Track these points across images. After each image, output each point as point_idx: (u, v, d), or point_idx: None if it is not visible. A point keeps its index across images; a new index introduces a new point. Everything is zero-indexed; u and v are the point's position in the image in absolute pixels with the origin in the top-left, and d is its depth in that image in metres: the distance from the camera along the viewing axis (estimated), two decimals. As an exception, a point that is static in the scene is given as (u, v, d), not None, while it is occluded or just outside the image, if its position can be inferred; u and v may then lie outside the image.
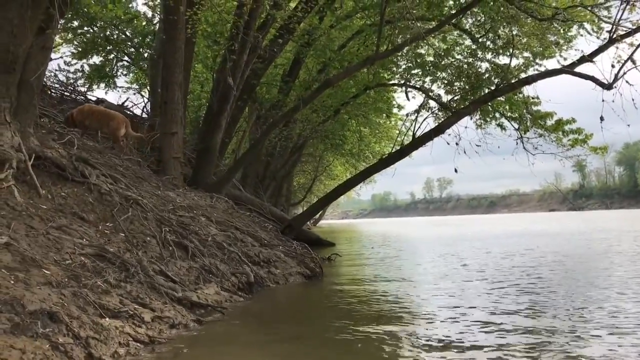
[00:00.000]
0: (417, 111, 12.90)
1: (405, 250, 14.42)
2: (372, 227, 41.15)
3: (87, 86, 17.04)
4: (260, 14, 11.63)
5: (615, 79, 9.75)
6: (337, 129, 20.59)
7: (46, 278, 3.75)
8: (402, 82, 14.27)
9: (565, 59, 11.71)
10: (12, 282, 3.45)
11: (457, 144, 12.59)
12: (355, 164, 27.61)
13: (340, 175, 34.72)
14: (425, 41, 12.12)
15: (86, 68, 17.05)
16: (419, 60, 13.82)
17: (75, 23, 15.65)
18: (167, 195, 7.65)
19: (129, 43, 16.99)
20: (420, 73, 13.95)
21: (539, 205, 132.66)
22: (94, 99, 14.36)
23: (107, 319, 3.64)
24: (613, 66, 9.32)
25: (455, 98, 12.93)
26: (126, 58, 17.60)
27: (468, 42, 13.20)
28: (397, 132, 22.87)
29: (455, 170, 12.50)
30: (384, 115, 20.07)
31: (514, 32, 11.30)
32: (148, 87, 16.01)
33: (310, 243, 10.32)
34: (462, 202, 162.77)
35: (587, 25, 11.06)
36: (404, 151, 12.20)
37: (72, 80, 16.27)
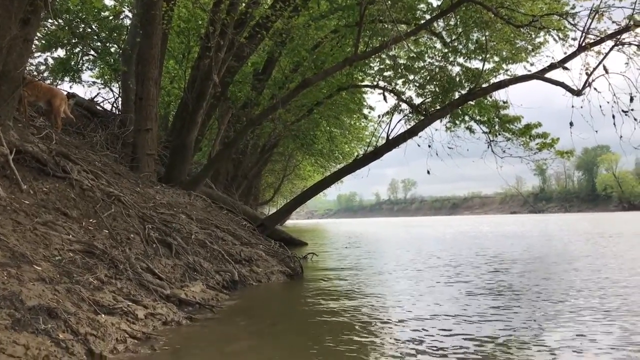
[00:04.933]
0: (391, 113, 13.07)
1: (378, 249, 14.60)
2: (340, 227, 41.34)
3: (52, 79, 16.56)
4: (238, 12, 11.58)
5: (585, 85, 10.10)
6: (308, 128, 20.61)
7: (38, 274, 3.69)
8: (376, 83, 14.41)
9: (532, 64, 12.07)
10: (6, 277, 3.38)
11: (429, 146, 12.87)
12: (324, 164, 27.73)
13: (309, 176, 34.71)
14: (399, 44, 12.27)
15: (50, 61, 16.58)
16: (391, 63, 13.95)
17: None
18: (147, 192, 7.56)
19: (95, 37, 16.62)
20: (392, 75, 14.09)
21: (500, 207, 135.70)
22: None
23: (102, 315, 3.61)
24: (587, 74, 9.59)
25: (427, 101, 13.16)
26: (92, 52, 17.21)
27: (439, 45, 13.42)
28: (367, 133, 23.16)
29: (428, 172, 12.73)
30: (358, 116, 20.22)
31: (487, 37, 11.56)
32: (119, 83, 15.70)
33: (283, 242, 10.29)
34: (426, 203, 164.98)
35: (553, 33, 11.39)
36: (378, 152, 12.33)
37: (35, 73, 15.80)
